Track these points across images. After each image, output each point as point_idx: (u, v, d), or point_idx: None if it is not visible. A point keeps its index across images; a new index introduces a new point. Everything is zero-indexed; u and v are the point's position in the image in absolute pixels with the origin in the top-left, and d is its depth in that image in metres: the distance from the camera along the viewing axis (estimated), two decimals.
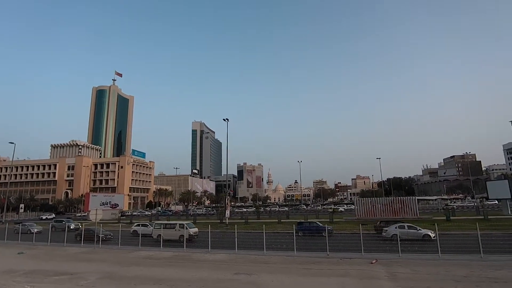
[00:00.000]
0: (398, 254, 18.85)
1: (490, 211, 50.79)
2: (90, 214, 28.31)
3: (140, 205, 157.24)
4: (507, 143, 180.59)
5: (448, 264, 16.51)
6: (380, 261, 17.82)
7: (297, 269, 16.51)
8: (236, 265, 17.99)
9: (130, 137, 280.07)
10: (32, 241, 30.30)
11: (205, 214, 79.42)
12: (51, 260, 21.83)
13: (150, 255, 22.37)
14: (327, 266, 17.01)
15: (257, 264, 17.94)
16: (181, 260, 20.20)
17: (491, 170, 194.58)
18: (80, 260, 21.32)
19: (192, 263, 18.95)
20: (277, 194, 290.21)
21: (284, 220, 49.28)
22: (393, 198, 49.95)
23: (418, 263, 17.12)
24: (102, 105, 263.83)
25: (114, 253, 24.13)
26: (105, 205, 68.12)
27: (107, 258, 21.93)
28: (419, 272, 15.23)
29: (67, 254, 24.28)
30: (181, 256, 21.37)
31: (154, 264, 19.09)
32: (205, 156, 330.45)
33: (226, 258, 20.08)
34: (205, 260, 19.78)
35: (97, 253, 24.11)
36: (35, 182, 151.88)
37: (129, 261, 20.41)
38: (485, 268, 15.38)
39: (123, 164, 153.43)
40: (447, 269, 15.48)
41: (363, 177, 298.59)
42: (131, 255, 22.54)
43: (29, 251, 25.35)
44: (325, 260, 18.60)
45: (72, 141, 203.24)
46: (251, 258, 19.74)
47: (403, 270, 15.61)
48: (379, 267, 16.47)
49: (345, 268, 16.43)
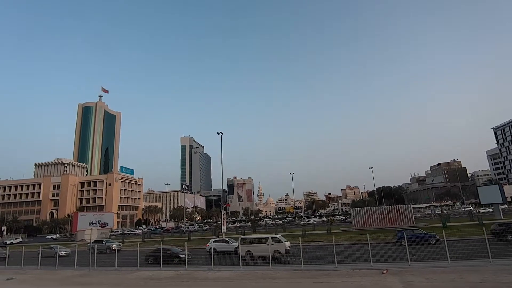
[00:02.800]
0: (408, 262, 18.61)
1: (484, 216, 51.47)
2: (85, 234, 26.85)
3: (129, 223, 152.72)
4: (490, 149, 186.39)
5: (460, 271, 16.34)
6: (391, 270, 17.50)
7: (310, 284, 15.99)
8: (245, 282, 17.33)
9: (118, 154, 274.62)
10: (20, 265, 28.72)
11: (198, 230, 77.52)
12: (43, 285, 20.59)
13: (151, 275, 21.35)
14: (339, 279, 16.57)
15: (267, 280, 17.32)
16: (185, 279, 19.32)
17: (476, 176, 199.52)
18: (76, 284, 20.15)
19: (198, 282, 18.16)
20: (268, 207, 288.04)
21: (281, 233, 48.47)
22: (389, 207, 50.23)
23: (430, 271, 16.88)
24: (88, 122, 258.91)
25: (111, 274, 22.96)
26: (94, 225, 65.71)
27: (105, 280, 20.82)
28: (433, 280, 14.99)
29: (61, 277, 22.95)
30: (184, 275, 20.47)
31: (157, 285, 18.19)
32: (194, 171, 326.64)
33: (232, 275, 19.34)
34: (210, 279, 18.97)
35: (92, 276, 22.88)
36: (18, 203, 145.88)
37: (129, 283, 19.40)
38: (498, 272, 15.30)
39: (111, 181, 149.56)
40: (460, 275, 15.30)
41: (353, 187, 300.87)
42: (130, 276, 21.47)
43: (19, 276, 23.84)
44: (335, 273, 18.14)
45: (57, 159, 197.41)
46: (258, 274, 19.08)
47: (417, 279, 15.33)
48: (391, 277, 16.15)
49: (358, 280, 16.03)
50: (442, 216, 52.36)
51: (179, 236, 59.90)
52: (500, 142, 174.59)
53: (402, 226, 45.64)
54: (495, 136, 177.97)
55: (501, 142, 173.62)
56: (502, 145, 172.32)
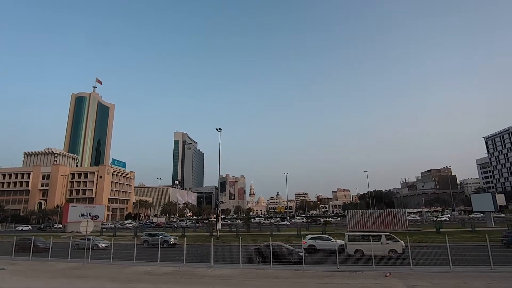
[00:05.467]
0: (410, 266, 18.60)
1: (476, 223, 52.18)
2: (81, 226, 26.11)
3: (119, 217, 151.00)
4: (480, 158, 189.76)
5: (463, 276, 16.38)
6: (393, 274, 17.47)
7: (314, 284, 15.83)
8: (247, 280, 17.08)
9: (110, 146, 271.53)
10: (11, 255, 27.89)
11: (191, 227, 76.93)
12: (37, 276, 19.97)
13: (149, 270, 20.95)
14: (343, 280, 16.45)
15: (270, 280, 17.09)
16: (184, 275, 18.97)
17: (465, 183, 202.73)
18: (71, 277, 19.59)
19: (198, 279, 17.80)
20: (260, 206, 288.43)
21: (276, 232, 48.37)
22: (383, 211, 50.53)
23: (433, 276, 16.88)
24: (81, 112, 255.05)
25: (107, 268, 22.43)
26: (85, 217, 64.50)
27: (101, 274, 20.31)
28: (437, 285, 14.97)
29: (55, 269, 22.32)
30: (183, 272, 20.09)
31: (157, 280, 17.81)
32: (187, 167, 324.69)
33: (233, 273, 19.06)
34: (211, 276, 18.66)
35: (88, 269, 22.32)
36: (6, 192, 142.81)
37: (127, 277, 18.95)
38: (503, 279, 15.38)
39: (103, 173, 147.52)
40: (465, 281, 15.33)
41: (344, 190, 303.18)
42: (127, 271, 21.00)
43: (11, 267, 23.13)
44: (338, 274, 18.03)
45: (48, 149, 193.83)
46: (260, 273, 18.85)
47: (421, 283, 15.29)
48: (395, 280, 16.10)
49: (362, 282, 15.94)
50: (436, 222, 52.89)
51: (172, 231, 59.20)
52: (490, 151, 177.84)
53: (396, 230, 45.95)
54: (486, 145, 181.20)
55: (491, 151, 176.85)
56: (492, 154, 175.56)
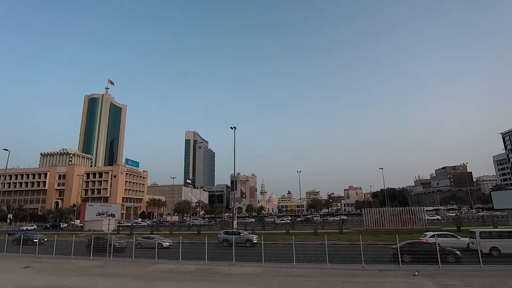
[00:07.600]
0: (438, 265, 18.08)
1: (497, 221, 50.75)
2: (103, 224, 26.58)
3: (133, 216, 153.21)
4: (497, 154, 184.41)
5: (496, 275, 15.84)
6: (422, 273, 17.01)
7: (340, 283, 15.56)
8: (271, 279, 16.93)
9: (122, 146, 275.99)
10: (34, 253, 28.48)
11: (205, 225, 77.39)
12: (62, 274, 20.29)
13: (171, 268, 21.05)
14: (370, 279, 16.12)
15: (294, 278, 16.90)
16: (208, 274, 18.96)
17: (481, 181, 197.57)
18: (95, 275, 19.85)
19: (223, 277, 17.76)
20: (271, 205, 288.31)
21: (291, 231, 48.15)
22: (401, 209, 49.67)
23: (463, 275, 16.38)
24: (94, 113, 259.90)
25: (130, 266, 22.67)
26: (102, 215, 65.70)
27: (124, 272, 20.51)
28: (471, 284, 14.47)
29: (78, 267, 22.69)
30: (206, 270, 20.10)
31: (181, 278, 17.85)
32: (198, 166, 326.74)
33: (256, 272, 18.94)
34: (234, 274, 18.60)
35: (110, 267, 22.61)
36: (24, 191, 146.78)
37: (151, 275, 19.07)
38: None
39: (116, 173, 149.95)
40: (499, 280, 14.83)
41: (356, 188, 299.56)
42: (150, 269, 21.15)
43: (35, 265, 23.63)
44: (364, 273, 17.68)
45: (63, 150, 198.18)
46: (283, 272, 18.67)
47: (453, 282, 14.84)
48: (425, 279, 15.69)
49: (391, 281, 15.57)
50: (456, 219, 51.65)
51: (187, 230, 59.71)
52: (508, 147, 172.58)
53: (415, 228, 45.09)
54: (503, 141, 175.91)
55: (509, 147, 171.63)
56: (510, 150, 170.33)
